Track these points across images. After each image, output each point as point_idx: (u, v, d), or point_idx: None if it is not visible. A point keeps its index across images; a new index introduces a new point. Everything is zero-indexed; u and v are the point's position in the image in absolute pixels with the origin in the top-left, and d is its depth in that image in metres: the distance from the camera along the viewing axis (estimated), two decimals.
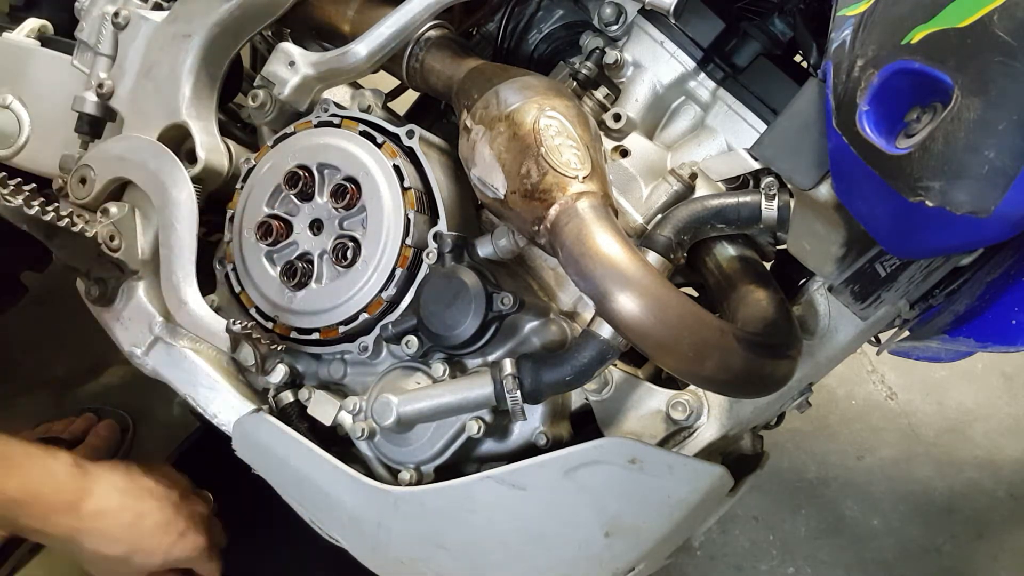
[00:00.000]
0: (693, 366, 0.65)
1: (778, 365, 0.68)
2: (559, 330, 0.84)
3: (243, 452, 0.87)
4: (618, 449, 0.75)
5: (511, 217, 0.75)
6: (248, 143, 0.99)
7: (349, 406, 0.83)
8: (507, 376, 0.75)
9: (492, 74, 0.80)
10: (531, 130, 0.73)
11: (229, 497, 1.03)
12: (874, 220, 0.58)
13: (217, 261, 0.94)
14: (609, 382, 0.81)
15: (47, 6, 1.18)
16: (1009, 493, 1.49)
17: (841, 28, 0.56)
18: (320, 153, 0.86)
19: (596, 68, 0.88)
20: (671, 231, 0.78)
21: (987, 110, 0.47)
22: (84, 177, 0.93)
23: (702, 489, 0.75)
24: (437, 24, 0.91)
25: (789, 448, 1.54)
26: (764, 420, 0.87)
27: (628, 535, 0.76)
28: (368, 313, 0.83)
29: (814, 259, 0.73)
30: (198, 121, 0.93)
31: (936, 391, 1.62)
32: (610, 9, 0.87)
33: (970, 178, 0.47)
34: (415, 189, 0.83)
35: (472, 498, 0.78)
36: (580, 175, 0.71)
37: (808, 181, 0.60)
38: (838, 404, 1.61)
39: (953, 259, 0.70)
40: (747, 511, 1.46)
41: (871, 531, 1.45)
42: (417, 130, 0.86)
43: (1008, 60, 0.46)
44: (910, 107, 0.52)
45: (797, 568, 1.41)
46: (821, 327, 0.78)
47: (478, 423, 0.79)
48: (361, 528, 0.83)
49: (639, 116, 0.87)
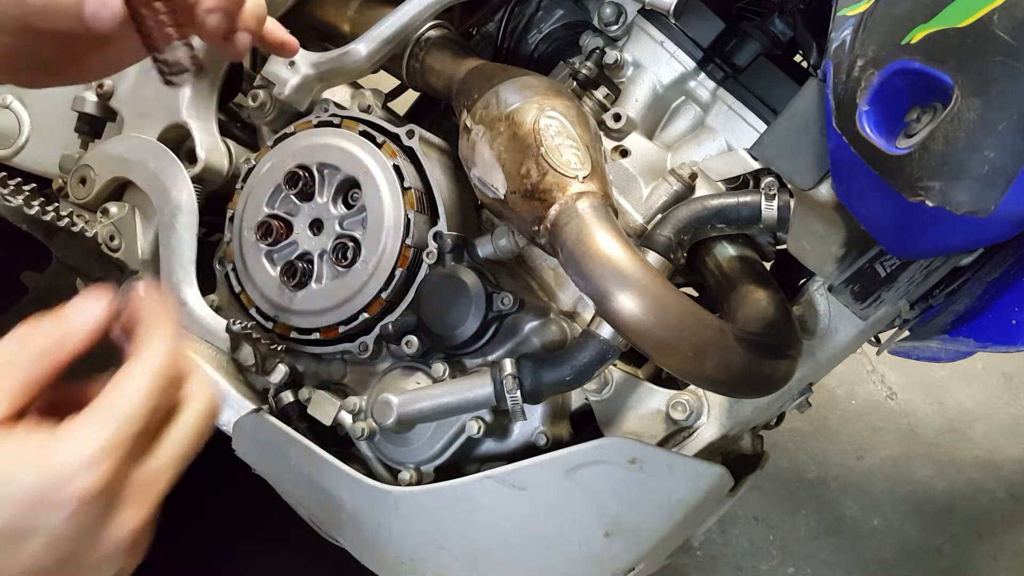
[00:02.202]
0: (693, 366, 0.65)
1: (778, 365, 0.68)
2: (559, 330, 0.84)
3: (243, 452, 0.87)
4: (618, 449, 0.75)
5: (511, 217, 0.75)
6: (248, 143, 0.99)
7: (349, 406, 0.84)
8: (507, 376, 0.75)
9: (492, 74, 0.80)
10: (531, 130, 0.73)
11: (229, 497, 1.03)
12: (874, 220, 0.58)
13: (217, 261, 0.94)
14: (609, 382, 0.81)
15: None
16: (1009, 493, 1.49)
17: (841, 28, 0.56)
18: (320, 153, 0.86)
19: (596, 68, 0.88)
20: (671, 231, 0.78)
21: (987, 110, 0.47)
22: (84, 177, 0.93)
23: (702, 489, 0.75)
24: (437, 24, 0.91)
25: (789, 448, 1.54)
26: (764, 420, 0.87)
27: (628, 535, 0.77)
28: (368, 313, 0.83)
29: (814, 259, 0.73)
30: (198, 121, 0.93)
31: (936, 391, 1.62)
32: (610, 9, 0.87)
33: (970, 178, 0.47)
34: (415, 189, 0.83)
35: (472, 498, 0.78)
36: (580, 175, 0.71)
37: (808, 181, 0.60)
38: (838, 404, 1.61)
39: (953, 259, 0.70)
40: (747, 511, 1.46)
41: (871, 531, 1.45)
42: (417, 130, 0.86)
43: (1008, 60, 0.46)
44: (910, 107, 0.52)
45: (797, 568, 1.41)
46: (821, 327, 0.78)
47: (478, 423, 0.79)
48: (361, 528, 0.83)
49: (639, 116, 0.87)
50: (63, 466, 0.40)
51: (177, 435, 0.46)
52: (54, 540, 0.40)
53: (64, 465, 0.40)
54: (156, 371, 0.44)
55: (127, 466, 0.42)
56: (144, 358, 0.45)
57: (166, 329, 0.47)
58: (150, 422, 0.44)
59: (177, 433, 0.46)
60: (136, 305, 0.47)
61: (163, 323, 0.47)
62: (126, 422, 0.42)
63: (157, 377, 0.44)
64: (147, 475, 0.44)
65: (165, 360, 0.45)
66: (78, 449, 0.40)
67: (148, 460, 0.44)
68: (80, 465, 0.40)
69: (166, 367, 0.45)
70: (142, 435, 0.43)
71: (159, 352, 0.45)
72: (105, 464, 0.40)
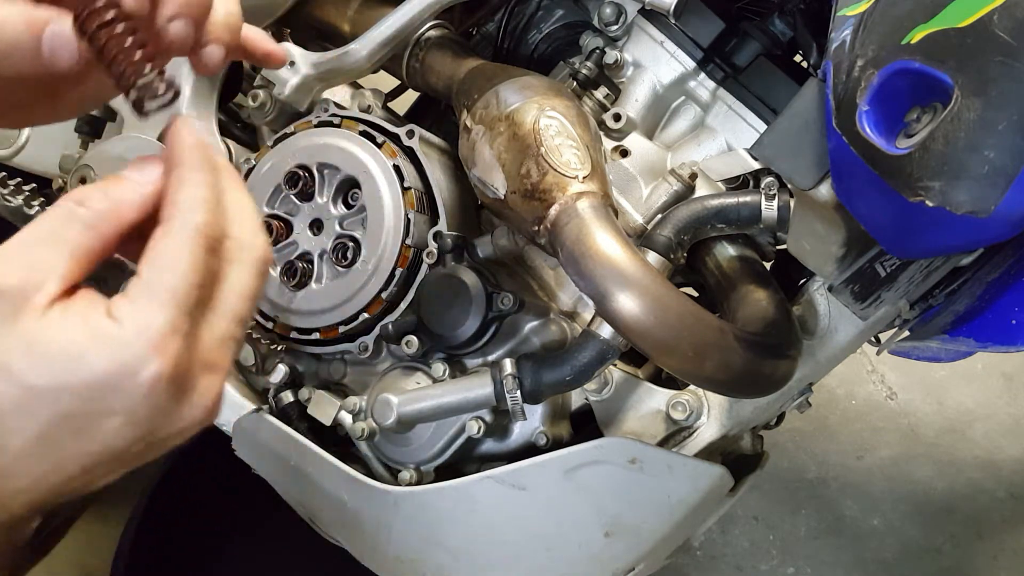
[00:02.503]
0: (693, 366, 0.65)
1: (778, 365, 0.68)
2: (559, 330, 0.84)
3: (243, 452, 0.87)
4: (618, 449, 0.75)
5: (511, 217, 0.75)
6: (248, 143, 0.99)
7: (349, 406, 0.83)
8: (507, 376, 0.75)
9: (492, 74, 0.80)
10: (531, 130, 0.73)
11: (229, 497, 1.03)
12: (874, 220, 0.58)
13: None
14: (609, 382, 0.81)
15: None
16: (1009, 493, 1.49)
17: (841, 28, 0.56)
18: (320, 153, 0.86)
19: (596, 68, 0.88)
20: (671, 231, 0.78)
21: (987, 110, 0.47)
22: (84, 177, 0.93)
23: (702, 489, 0.75)
24: (437, 24, 0.91)
25: (789, 448, 1.54)
26: (764, 420, 0.87)
27: (628, 535, 0.77)
28: (368, 313, 0.83)
29: (814, 259, 0.73)
30: (198, 121, 0.93)
31: (936, 391, 1.62)
32: (610, 9, 0.87)
33: (970, 178, 0.47)
34: (415, 189, 0.83)
35: (472, 498, 0.78)
36: (580, 175, 0.71)
37: (808, 181, 0.60)
38: (838, 404, 1.61)
39: (953, 259, 0.70)
40: (747, 511, 1.46)
41: (871, 531, 1.45)
42: (417, 130, 0.86)
43: (1008, 60, 0.46)
44: (910, 107, 0.52)
45: (797, 568, 1.41)
46: (821, 327, 0.78)
47: (478, 423, 0.79)
48: (361, 528, 0.83)
49: (639, 116, 0.87)
50: (131, 353, 0.38)
51: (235, 292, 0.42)
52: (132, 419, 0.39)
53: (131, 352, 0.38)
54: (199, 230, 0.40)
55: (192, 339, 0.40)
56: (183, 215, 0.40)
57: (202, 173, 0.41)
58: (204, 288, 0.40)
59: (235, 290, 0.42)
60: (169, 145, 0.42)
61: (198, 166, 0.42)
62: (182, 299, 0.39)
63: (201, 237, 0.40)
64: (213, 343, 0.41)
65: (206, 216, 0.40)
66: (141, 335, 0.38)
67: (211, 326, 0.41)
68: (146, 352, 0.38)
69: (209, 224, 0.40)
70: (199, 303, 0.40)
71: (198, 206, 0.40)
72: (170, 348, 0.38)
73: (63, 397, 0.38)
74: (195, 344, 0.40)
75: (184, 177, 0.41)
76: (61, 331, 0.38)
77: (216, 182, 0.42)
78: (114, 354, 0.38)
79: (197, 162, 0.42)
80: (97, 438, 0.39)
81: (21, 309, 0.38)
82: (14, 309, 0.38)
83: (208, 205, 0.41)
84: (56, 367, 0.38)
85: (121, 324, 0.38)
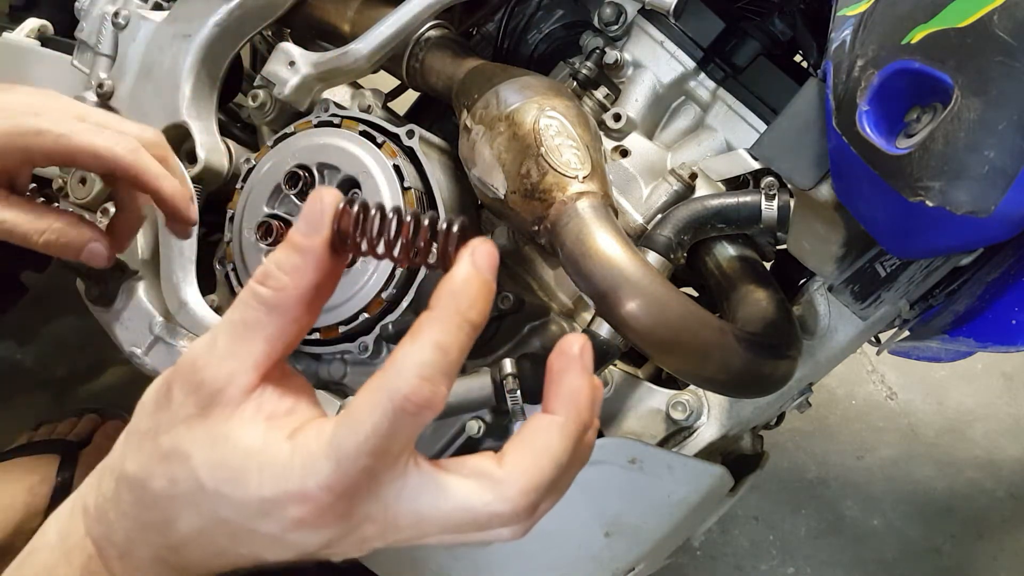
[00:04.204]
0: (693, 366, 0.65)
1: (778, 365, 0.68)
2: (559, 330, 0.84)
3: None
4: (618, 449, 0.75)
5: (511, 217, 0.75)
6: (248, 143, 0.99)
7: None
8: (507, 376, 0.75)
9: (492, 74, 0.80)
10: (531, 130, 0.73)
11: None
12: (874, 220, 0.58)
13: (217, 261, 0.94)
14: (609, 382, 0.81)
15: (47, 6, 1.18)
16: (1009, 493, 1.49)
17: (841, 28, 0.56)
18: (320, 153, 0.86)
19: (596, 68, 0.88)
20: (671, 231, 0.78)
21: (987, 110, 0.47)
22: (84, 177, 0.93)
23: (702, 489, 0.75)
24: (437, 24, 0.91)
25: (789, 448, 1.54)
26: (764, 420, 0.87)
27: (628, 535, 0.76)
28: (368, 313, 0.83)
29: (814, 259, 0.73)
30: (198, 121, 0.93)
31: (936, 391, 1.62)
32: (610, 9, 0.87)
33: (970, 178, 0.47)
34: (415, 189, 0.83)
35: None
36: (580, 175, 0.71)
37: (808, 181, 0.60)
38: (838, 404, 1.61)
39: (953, 259, 0.70)
40: (747, 511, 1.46)
41: (871, 531, 1.45)
42: (417, 130, 0.86)
43: (1008, 60, 0.46)
44: (910, 107, 0.52)
45: (797, 568, 1.41)
46: (821, 327, 0.78)
47: (478, 423, 0.79)
48: None
49: (639, 116, 0.87)
50: (292, 484, 0.40)
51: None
52: (280, 543, 0.42)
53: (292, 483, 0.40)
54: (573, 437, 0.44)
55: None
56: (568, 422, 0.44)
57: (586, 395, 0.45)
58: None
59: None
60: (558, 357, 0.45)
61: (584, 385, 0.45)
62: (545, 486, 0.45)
63: (572, 445, 0.45)
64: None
65: (579, 430, 0.45)
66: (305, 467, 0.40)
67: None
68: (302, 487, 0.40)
69: (578, 437, 0.45)
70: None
71: (578, 418, 0.44)
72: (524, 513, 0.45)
73: (223, 505, 0.40)
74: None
75: (576, 388, 0.44)
76: (243, 436, 0.40)
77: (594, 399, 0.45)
78: (277, 481, 0.40)
79: (584, 379, 0.45)
80: (248, 547, 0.42)
81: (215, 402, 0.41)
82: (210, 402, 0.41)
83: (589, 419, 0.45)
84: (224, 475, 0.40)
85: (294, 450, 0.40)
